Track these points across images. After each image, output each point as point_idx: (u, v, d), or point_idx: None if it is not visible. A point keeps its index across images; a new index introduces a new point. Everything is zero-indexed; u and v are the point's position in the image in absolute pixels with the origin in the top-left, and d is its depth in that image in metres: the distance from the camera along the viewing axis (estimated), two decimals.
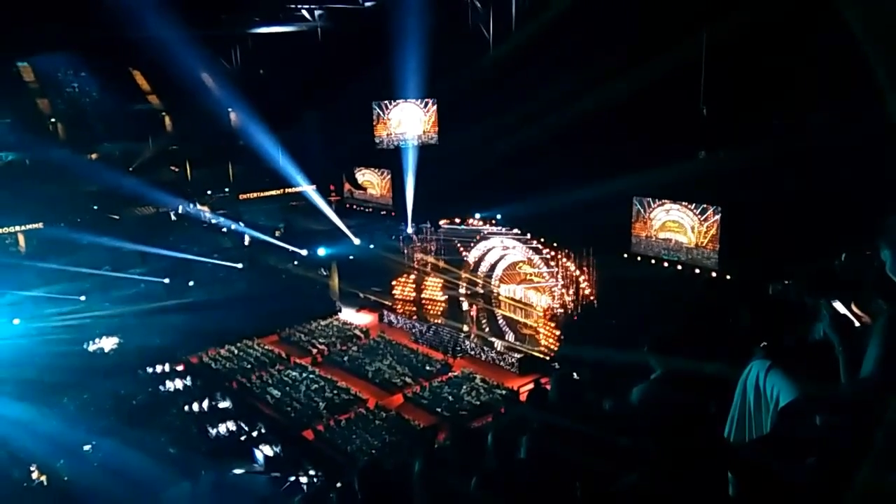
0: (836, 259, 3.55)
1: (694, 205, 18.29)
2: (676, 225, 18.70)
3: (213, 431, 18.21)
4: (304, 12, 24.44)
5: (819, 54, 12.73)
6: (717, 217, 17.79)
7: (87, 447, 16.34)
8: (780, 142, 15.04)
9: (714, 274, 17.94)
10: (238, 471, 16.13)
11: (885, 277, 2.90)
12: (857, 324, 2.96)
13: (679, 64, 16.62)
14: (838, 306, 2.96)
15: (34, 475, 15.29)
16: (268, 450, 17.24)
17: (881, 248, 2.82)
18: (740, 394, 3.54)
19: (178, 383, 21.30)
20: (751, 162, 15.64)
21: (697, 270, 18.31)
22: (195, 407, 19.59)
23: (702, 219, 18.12)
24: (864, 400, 2.89)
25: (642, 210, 19.54)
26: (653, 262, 19.28)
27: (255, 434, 18.18)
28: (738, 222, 17.59)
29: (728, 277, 17.61)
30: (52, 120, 28.68)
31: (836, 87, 12.67)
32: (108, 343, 24.07)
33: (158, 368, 22.17)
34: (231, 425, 18.54)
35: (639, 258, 19.68)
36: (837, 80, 12.39)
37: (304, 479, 15.22)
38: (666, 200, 18.92)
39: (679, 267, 18.73)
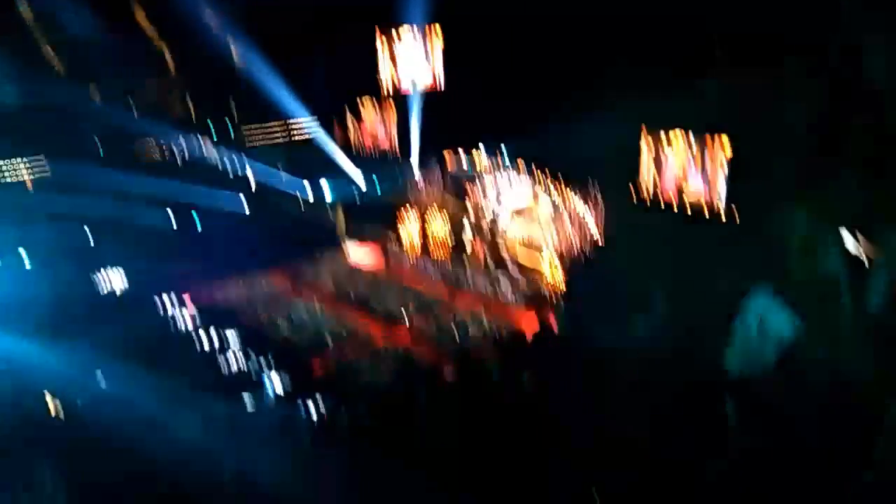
0: (839, 190, 3.46)
1: (703, 133, 17.67)
2: (685, 157, 18.24)
3: (224, 364, 18.61)
4: None
5: None
6: (727, 148, 17.23)
7: (98, 373, 16.73)
8: (788, 70, 14.50)
9: (722, 209, 17.59)
10: (249, 401, 16.56)
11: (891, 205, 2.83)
12: (862, 257, 2.93)
13: None
14: (845, 236, 2.91)
15: (49, 405, 15.71)
16: (277, 381, 17.64)
17: None
18: (740, 325, 3.53)
19: (188, 319, 21.65)
20: (760, 91, 15.16)
21: (706, 206, 17.94)
22: (205, 341, 19.97)
23: (711, 151, 17.59)
24: (868, 334, 2.87)
25: (651, 145, 19.06)
26: (662, 203, 18.91)
27: (265, 366, 18.57)
28: (747, 152, 17.08)
29: (736, 212, 17.24)
30: (54, 56, 28.15)
31: None
32: (118, 280, 24.38)
33: (168, 305, 22.51)
34: (241, 357, 18.93)
35: (647, 198, 19.35)
36: None
37: (313, 410, 15.62)
38: (676, 131, 18.30)
39: (688, 206, 18.36)
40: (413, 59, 25.48)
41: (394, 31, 25.03)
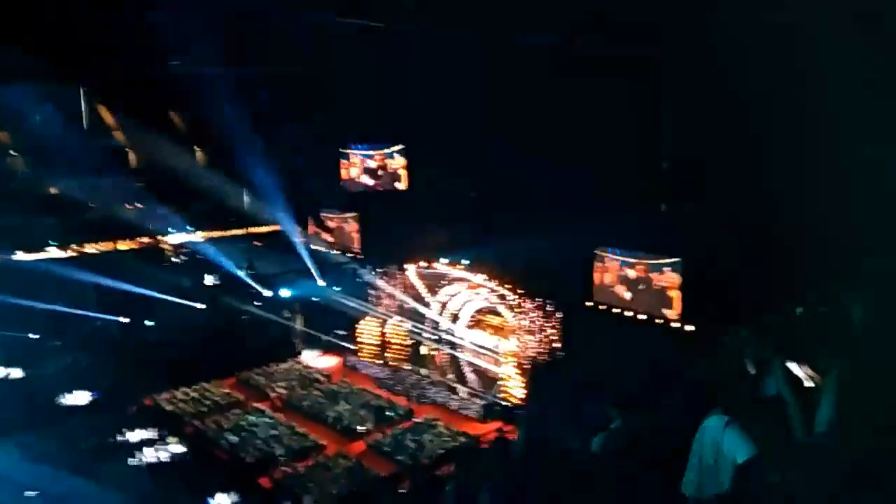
0: (791, 313, 3.62)
1: (654, 255, 18.56)
2: (637, 275, 18.93)
3: (165, 479, 17.55)
4: None
5: (783, 113, 13.13)
6: (678, 268, 18.05)
7: (29, 493, 15.58)
8: (742, 194, 15.42)
9: (673, 324, 18.12)
10: None
11: (836, 334, 2.97)
12: (807, 383, 3.03)
13: (642, 116, 17.14)
14: (790, 365, 3.03)
15: None
16: (222, 498, 16.66)
17: (853, 304, 2.85)
18: (698, 448, 3.57)
19: (130, 427, 20.56)
20: (713, 214, 16.04)
21: (659, 321, 18.47)
22: (146, 452, 18.91)
23: (662, 269, 18.37)
24: (818, 457, 2.93)
25: (604, 260, 19.75)
26: (614, 310, 19.40)
27: (208, 482, 17.57)
28: (699, 274, 17.88)
29: (688, 328, 17.81)
30: (12, 152, 28.15)
31: (799, 139, 13.03)
32: (58, 381, 23.21)
33: (110, 411, 21.44)
34: (184, 471, 17.90)
35: (601, 307, 19.80)
36: (798, 131, 12.80)
37: None
38: (627, 251, 19.15)
39: (641, 317, 18.88)
40: (377, 171, 26.29)
41: (361, 146, 25.94)
